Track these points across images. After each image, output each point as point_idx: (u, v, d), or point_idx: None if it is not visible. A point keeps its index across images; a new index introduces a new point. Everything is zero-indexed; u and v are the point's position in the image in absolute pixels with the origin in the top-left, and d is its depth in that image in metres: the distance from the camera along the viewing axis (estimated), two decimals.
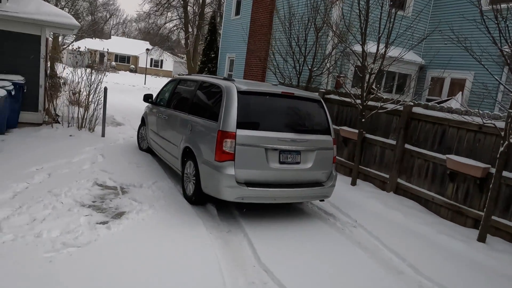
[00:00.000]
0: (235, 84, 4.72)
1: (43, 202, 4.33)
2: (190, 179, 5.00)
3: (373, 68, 6.60)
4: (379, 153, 6.82)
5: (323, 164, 4.98)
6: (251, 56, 13.91)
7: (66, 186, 4.92)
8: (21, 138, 7.19)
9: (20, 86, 7.63)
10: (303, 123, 5.03)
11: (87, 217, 4.15)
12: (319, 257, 3.97)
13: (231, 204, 5.09)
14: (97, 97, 8.81)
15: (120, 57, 53.81)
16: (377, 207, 5.71)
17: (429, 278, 3.82)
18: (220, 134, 4.43)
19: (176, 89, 6.43)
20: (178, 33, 36.14)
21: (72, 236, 3.64)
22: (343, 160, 7.56)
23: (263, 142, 4.52)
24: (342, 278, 3.62)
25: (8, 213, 3.96)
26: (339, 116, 7.87)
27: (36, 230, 3.67)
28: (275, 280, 3.42)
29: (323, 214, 5.34)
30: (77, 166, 5.92)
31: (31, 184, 4.90)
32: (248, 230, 4.37)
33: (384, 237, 4.64)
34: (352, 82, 9.81)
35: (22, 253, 3.26)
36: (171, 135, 5.84)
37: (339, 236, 4.60)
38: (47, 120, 8.66)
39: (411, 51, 8.31)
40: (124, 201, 4.75)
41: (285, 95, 4.92)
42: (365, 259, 4.09)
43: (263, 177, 4.58)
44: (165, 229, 4.10)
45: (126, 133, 9.18)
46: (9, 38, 7.86)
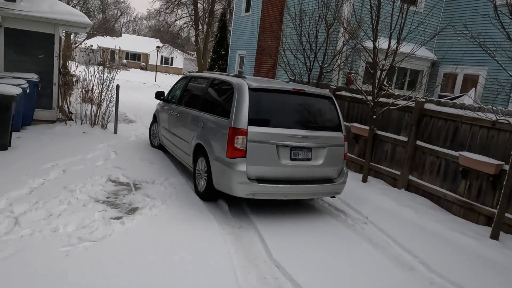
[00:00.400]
0: (246, 81, 4.75)
1: (59, 198, 4.42)
2: (202, 175, 5.05)
3: (384, 64, 6.56)
4: (391, 150, 6.79)
5: (334, 160, 4.98)
6: (261, 53, 13.90)
7: (81, 182, 5.01)
8: (36, 135, 7.33)
9: (35, 84, 7.77)
10: (314, 120, 5.04)
11: (101, 212, 4.23)
12: (330, 253, 3.98)
13: (242, 200, 5.13)
14: (109, 94, 8.93)
15: (131, 55, 54.23)
16: (388, 203, 5.70)
17: (440, 275, 3.81)
18: (232, 131, 4.47)
19: (188, 86, 6.49)
20: (188, 31, 36.26)
21: (87, 231, 3.72)
22: (354, 156, 7.54)
23: (274, 139, 4.54)
24: (353, 274, 3.63)
25: (25, 208, 4.06)
26: (350, 112, 7.85)
27: (53, 225, 3.75)
28: (286, 275, 3.45)
29: (334, 210, 5.35)
30: (91, 162, 6.02)
31: (47, 180, 5.00)
32: (260, 226, 4.40)
33: (395, 234, 4.63)
34: (363, 79, 9.75)
35: (40, 247, 3.34)
36: (182, 132, 5.90)
37: (350, 233, 4.61)
38: (60, 118, 8.81)
39: (423, 47, 8.23)
40: (137, 197, 4.82)
41: (296, 92, 4.93)
42: (376, 255, 4.10)
43: (274, 173, 4.60)
44: (177, 225, 4.16)
45: (138, 130, 9.28)
46: (24, 37, 8.00)
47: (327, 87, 8.31)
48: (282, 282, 3.37)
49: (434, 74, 11.15)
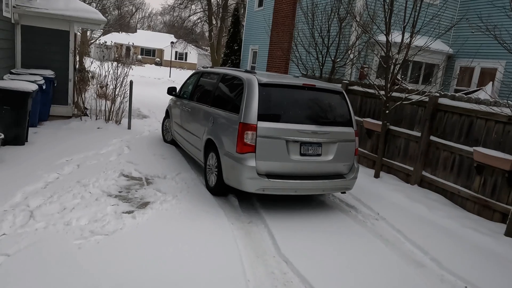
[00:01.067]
0: (256, 77, 4.75)
1: (73, 192, 4.52)
2: (212, 170, 5.09)
3: (397, 59, 6.46)
4: (404, 145, 6.70)
5: (345, 156, 4.95)
6: (274, 48, 13.86)
7: (94, 177, 5.11)
8: (52, 130, 7.49)
9: (51, 81, 7.91)
10: (324, 115, 5.01)
11: (113, 206, 4.31)
12: (339, 249, 3.98)
13: (252, 196, 5.15)
14: (123, 90, 9.04)
15: (146, 51, 54.71)
16: (400, 199, 5.64)
17: (452, 272, 3.76)
18: (241, 126, 4.48)
19: (199, 82, 6.52)
20: (202, 26, 36.34)
21: (99, 225, 3.80)
22: (366, 152, 7.48)
23: (284, 134, 4.54)
24: (362, 270, 3.62)
25: (40, 202, 4.16)
26: (362, 107, 7.77)
27: (66, 218, 3.85)
28: (294, 270, 3.46)
29: (345, 206, 5.33)
30: (104, 157, 6.12)
31: (62, 174, 5.11)
32: (269, 221, 4.42)
33: (406, 230, 4.59)
34: (376, 73, 9.63)
35: (54, 240, 3.43)
36: (194, 127, 5.94)
37: (360, 228, 4.59)
38: (76, 113, 8.97)
39: (439, 40, 8.08)
40: (148, 192, 4.89)
41: (307, 87, 4.90)
42: (386, 251, 4.07)
43: (284, 169, 4.61)
44: (187, 219, 4.20)
45: (151, 126, 9.38)
46: (39, 34, 8.14)
47: (339, 82, 8.24)
48: (290, 277, 3.38)
49: (450, 68, 10.93)
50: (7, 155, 5.55)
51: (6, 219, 3.67)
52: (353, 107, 7.67)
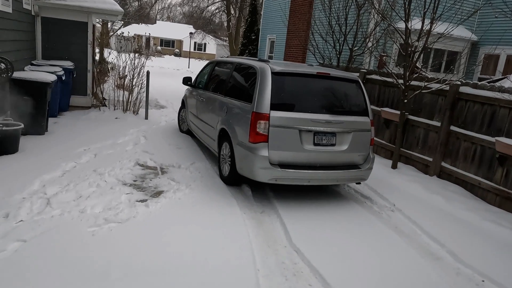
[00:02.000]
0: (269, 65, 4.69)
1: (89, 180, 4.61)
2: (226, 160, 5.09)
3: (417, 46, 6.26)
4: (422, 135, 6.53)
5: (360, 146, 4.86)
6: (291, 37, 13.69)
7: (110, 166, 5.19)
8: (71, 120, 7.65)
9: (70, 72, 8.06)
10: (339, 104, 4.92)
11: (128, 195, 4.37)
12: (352, 240, 3.92)
13: (266, 186, 5.13)
14: (140, 80, 9.13)
15: (165, 42, 55.05)
16: (418, 191, 5.51)
17: (469, 266, 3.66)
18: (254, 116, 4.45)
19: (213, 71, 6.51)
20: (220, 16, 36.24)
21: (113, 213, 3.86)
22: (384, 142, 7.33)
23: (297, 124, 4.48)
24: (375, 262, 3.56)
25: (57, 190, 4.26)
26: (380, 97, 7.60)
27: (81, 206, 3.92)
28: (305, 260, 3.44)
29: (360, 197, 5.24)
30: (121, 147, 6.21)
31: (79, 163, 5.22)
32: (282, 211, 4.39)
33: (423, 222, 4.48)
34: (396, 61, 9.38)
35: (69, 227, 3.51)
36: (208, 117, 5.95)
37: (375, 220, 4.51)
38: (95, 104, 9.12)
39: (461, 26, 7.79)
40: (163, 181, 4.94)
41: (321, 76, 4.81)
42: (401, 244, 3.99)
43: (297, 158, 4.56)
44: (200, 208, 4.22)
45: (168, 116, 9.46)
46: (59, 25, 8.28)
47: (357, 71, 8.08)
48: (300, 267, 3.36)
49: (473, 56, 10.55)
50: (27, 144, 5.69)
51: (24, 206, 3.77)
52: (371, 96, 7.53)
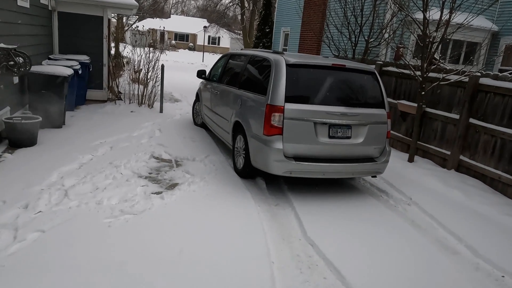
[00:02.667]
0: (284, 57, 4.64)
1: (105, 173, 4.66)
2: (240, 153, 5.08)
3: (435, 37, 6.11)
4: (440, 128, 6.39)
5: (376, 139, 4.79)
6: (305, 30, 13.55)
7: (126, 159, 5.24)
8: (88, 114, 7.75)
9: (86, 66, 8.15)
10: (355, 97, 4.85)
11: (143, 187, 4.41)
12: (368, 234, 3.88)
13: (280, 179, 5.11)
14: (155, 74, 9.18)
15: (180, 36, 55.22)
16: (435, 185, 5.41)
17: (488, 260, 3.58)
18: (268, 108, 4.42)
19: (227, 64, 6.49)
20: (234, 9, 36.13)
21: (129, 204, 3.90)
22: (400, 135, 7.21)
23: (312, 116, 4.43)
24: (391, 256, 3.51)
25: (74, 182, 4.33)
26: (397, 89, 7.46)
27: (98, 197, 3.98)
28: (320, 254, 3.41)
29: (376, 190, 5.18)
30: (136, 140, 6.26)
31: (95, 156, 5.29)
32: (296, 204, 4.37)
33: (440, 216, 4.40)
34: (413, 53, 9.19)
35: (86, 218, 3.56)
36: (222, 110, 5.94)
37: (390, 213, 4.45)
38: (110, 97, 9.22)
39: (481, 16, 7.56)
40: (177, 173, 4.96)
41: (336, 67, 4.75)
42: (417, 237, 3.93)
43: (312, 151, 4.52)
44: (214, 201, 4.24)
45: (182, 109, 9.50)
46: (75, 20, 8.37)
47: (373, 63, 7.95)
48: (315, 261, 3.34)
49: (494, 46, 10.25)
50: (45, 137, 5.79)
51: (43, 197, 3.84)
52: (387, 88, 7.40)
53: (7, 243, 3.05)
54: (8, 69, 5.33)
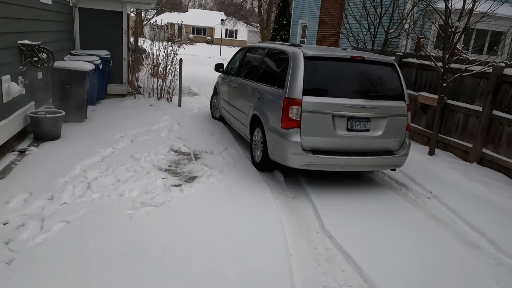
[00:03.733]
0: (301, 50, 4.62)
1: (126, 166, 4.77)
2: (258, 146, 5.10)
3: (457, 27, 5.95)
4: (462, 121, 6.25)
5: (395, 131, 4.73)
6: (324, 21, 13.40)
7: (146, 152, 5.34)
8: (108, 108, 7.91)
9: (107, 60, 8.29)
10: (374, 89, 4.79)
11: (163, 180, 4.49)
12: (386, 227, 3.85)
13: (298, 172, 5.12)
14: (174, 68, 9.27)
15: (197, 29, 55.39)
16: (456, 178, 5.31)
17: (510, 255, 3.51)
18: (286, 101, 4.42)
19: (245, 57, 6.50)
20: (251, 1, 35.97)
21: (149, 197, 3.98)
22: (420, 128, 7.09)
23: (330, 109, 4.41)
24: (410, 250, 3.49)
25: (96, 174, 4.44)
26: (417, 81, 7.32)
27: (120, 190, 4.08)
28: (338, 246, 3.42)
29: (395, 184, 5.13)
30: (155, 133, 6.37)
31: (116, 149, 5.41)
32: (314, 197, 4.38)
33: (461, 210, 4.33)
34: (434, 44, 8.98)
35: (108, 210, 3.66)
36: (240, 104, 5.97)
37: (410, 207, 4.40)
38: (130, 91, 9.37)
39: (507, 5, 7.31)
40: (196, 166, 5.03)
41: (355, 60, 4.70)
42: (437, 231, 3.88)
43: (330, 144, 4.50)
44: (232, 193, 4.28)
45: (200, 103, 9.57)
46: (95, 15, 8.52)
47: (393, 54, 7.81)
48: (333, 253, 3.35)
49: None
50: (68, 131, 5.95)
51: (67, 190, 3.97)
52: (408, 80, 7.28)
53: (35, 233, 3.17)
54: (32, 65, 5.49)
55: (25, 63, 5.38)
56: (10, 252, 2.90)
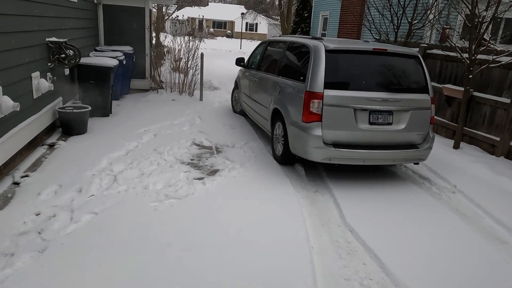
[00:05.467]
0: (323, 43, 4.60)
1: (150, 159, 4.88)
2: (279, 140, 5.12)
3: (485, 16, 5.77)
4: (489, 113, 6.09)
5: (419, 125, 4.66)
6: (345, 13, 13.20)
7: (169, 145, 5.45)
8: (132, 102, 8.08)
9: (130, 56, 8.46)
10: (397, 82, 4.72)
11: (186, 173, 4.58)
12: (409, 221, 3.82)
13: (319, 165, 5.12)
14: (195, 63, 9.36)
15: (217, 23, 55.52)
16: (482, 172, 5.19)
17: None
18: (307, 95, 4.42)
19: (266, 51, 6.50)
20: None
21: (173, 189, 4.08)
22: (445, 121, 6.94)
23: (352, 102, 4.38)
24: (433, 245, 3.45)
25: (122, 167, 4.58)
26: (442, 73, 7.16)
27: (144, 183, 4.19)
28: (359, 240, 3.42)
29: (418, 178, 5.06)
30: (178, 127, 6.48)
31: (140, 143, 5.54)
32: (335, 191, 4.37)
33: (487, 205, 4.24)
34: (460, 34, 8.73)
35: (133, 202, 3.77)
36: (261, 97, 5.99)
37: (433, 201, 4.34)
38: (153, 86, 9.54)
39: None
40: (218, 160, 5.10)
41: (377, 52, 4.64)
42: (462, 226, 3.82)
43: (352, 138, 4.48)
44: (254, 187, 4.33)
45: (221, 97, 9.64)
46: (119, 12, 8.68)
47: (416, 46, 7.65)
48: (354, 247, 3.35)
49: None
50: (94, 125, 6.13)
51: (94, 182, 4.11)
52: (432, 72, 7.12)
53: (65, 223, 3.31)
54: (60, 61, 5.67)
55: (53, 60, 5.56)
56: (43, 241, 3.04)
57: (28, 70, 4.78)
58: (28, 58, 4.77)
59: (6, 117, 4.09)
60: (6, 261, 2.79)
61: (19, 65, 4.52)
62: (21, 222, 3.28)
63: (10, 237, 3.07)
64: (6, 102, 3.95)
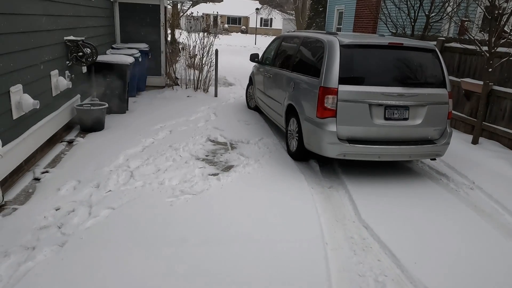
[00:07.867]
0: (337, 38, 4.56)
1: (165, 155, 4.95)
2: (293, 135, 5.12)
3: (505, 8, 5.62)
4: (509, 108, 5.94)
5: (436, 120, 4.58)
6: (361, 7, 13.03)
7: (184, 142, 5.50)
8: (148, 99, 8.18)
9: (146, 53, 8.55)
10: (413, 76, 4.65)
11: (201, 169, 4.62)
12: (425, 218, 3.78)
13: (334, 161, 5.09)
14: (210, 59, 9.40)
15: (232, 19, 55.54)
16: (502, 168, 5.09)
17: None
18: (322, 91, 4.39)
19: (280, 47, 6.49)
20: None
21: (188, 185, 4.13)
22: (463, 116, 6.81)
23: (367, 98, 4.34)
24: (451, 241, 3.40)
25: (138, 163, 4.65)
26: (461, 66, 7.01)
27: (160, 178, 4.25)
28: (374, 236, 3.40)
29: (435, 173, 4.98)
30: (193, 123, 6.53)
31: (156, 139, 5.61)
32: (350, 187, 4.35)
33: (506, 201, 4.16)
34: (480, 27, 8.52)
35: (150, 197, 3.83)
36: (275, 93, 5.99)
37: (451, 197, 4.28)
38: (168, 83, 9.62)
39: None
40: (232, 156, 5.13)
41: (393, 46, 4.58)
42: (480, 223, 3.75)
43: (367, 133, 4.44)
44: (268, 182, 4.34)
45: (236, 93, 9.67)
46: (134, 10, 8.78)
47: (434, 39, 7.50)
48: (369, 243, 3.33)
49: None
50: (111, 122, 6.24)
51: (112, 178, 4.19)
52: (450, 66, 6.99)
53: (84, 218, 3.39)
54: (77, 59, 5.78)
55: (71, 58, 5.67)
56: (63, 235, 3.12)
57: (47, 69, 4.89)
58: (47, 57, 4.87)
59: (26, 115, 4.20)
60: (28, 254, 2.88)
61: (39, 64, 4.63)
62: (42, 217, 3.38)
63: (32, 231, 3.17)
64: (26, 100, 4.06)
